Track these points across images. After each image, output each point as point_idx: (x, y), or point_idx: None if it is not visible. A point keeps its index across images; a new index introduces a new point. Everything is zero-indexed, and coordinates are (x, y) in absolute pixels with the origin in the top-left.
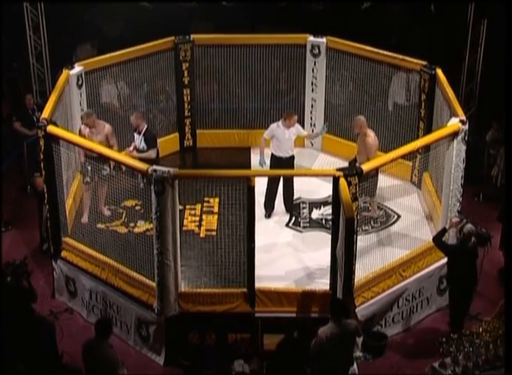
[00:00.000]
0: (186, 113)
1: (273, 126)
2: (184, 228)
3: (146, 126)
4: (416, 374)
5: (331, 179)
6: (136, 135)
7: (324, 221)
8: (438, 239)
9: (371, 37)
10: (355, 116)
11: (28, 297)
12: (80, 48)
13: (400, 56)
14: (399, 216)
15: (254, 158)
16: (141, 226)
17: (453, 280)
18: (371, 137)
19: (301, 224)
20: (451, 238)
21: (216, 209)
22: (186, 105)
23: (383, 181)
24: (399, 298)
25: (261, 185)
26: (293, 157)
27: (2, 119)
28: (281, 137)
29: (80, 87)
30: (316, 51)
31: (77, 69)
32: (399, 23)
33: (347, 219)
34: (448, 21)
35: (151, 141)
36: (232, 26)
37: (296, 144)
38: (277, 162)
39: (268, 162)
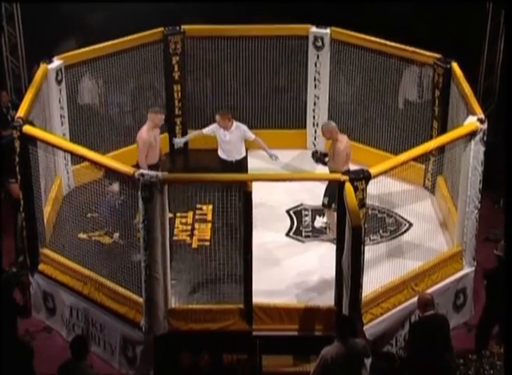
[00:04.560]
0: (176, 112)
1: (214, 125)
2: (174, 238)
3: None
4: None
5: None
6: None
7: (328, 230)
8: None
9: (380, 27)
10: (362, 114)
11: (17, 312)
12: (63, 43)
13: (412, 48)
14: (410, 224)
15: (252, 162)
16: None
17: (493, 291)
18: (344, 143)
19: (303, 233)
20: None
21: (209, 217)
22: (176, 102)
23: (393, 186)
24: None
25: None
26: (241, 161)
27: None
28: (221, 138)
29: (59, 82)
30: (319, 43)
31: (56, 63)
32: (410, 14)
33: (353, 228)
34: (464, 11)
35: None
36: (228, 16)
37: (297, 145)
38: (224, 165)
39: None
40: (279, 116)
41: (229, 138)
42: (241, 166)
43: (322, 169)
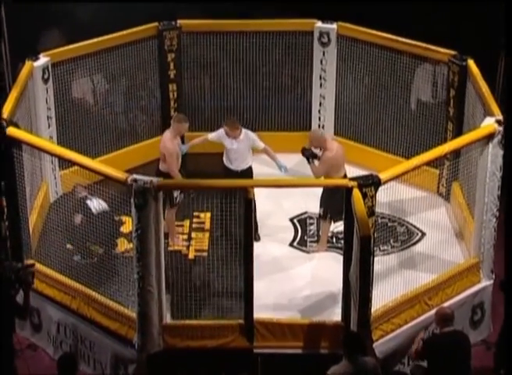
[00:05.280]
0: (172, 112)
1: (221, 130)
2: (170, 248)
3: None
4: None
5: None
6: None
7: (335, 239)
8: None
9: (390, 22)
10: (371, 115)
11: (16, 312)
12: (46, 35)
13: (425, 45)
14: (423, 234)
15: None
16: (119, 246)
17: None
18: (333, 152)
19: (308, 243)
20: None
21: (208, 226)
22: (172, 102)
23: (405, 193)
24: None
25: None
26: (246, 171)
27: None
28: (228, 146)
29: (46, 81)
30: (325, 39)
31: (43, 60)
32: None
33: (362, 238)
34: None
35: None
36: (227, 11)
37: (298, 148)
38: (228, 174)
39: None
40: (282, 118)
41: (237, 147)
42: (246, 176)
43: None
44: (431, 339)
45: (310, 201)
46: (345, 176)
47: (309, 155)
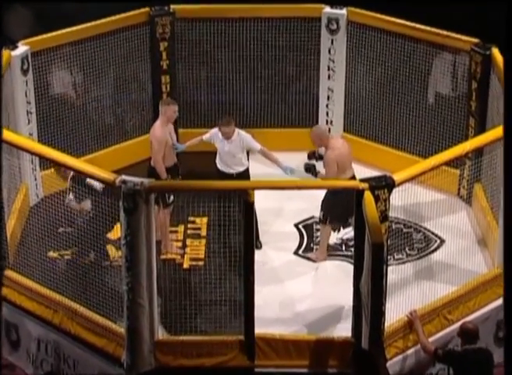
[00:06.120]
0: None
1: (214, 130)
2: (163, 256)
3: None
4: None
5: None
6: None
7: (344, 247)
8: None
9: (406, 7)
10: (385, 110)
11: None
12: (8, 12)
13: (444, 32)
14: (442, 241)
15: (253, 166)
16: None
17: None
18: (336, 150)
19: (314, 251)
20: None
21: (204, 232)
22: (164, 96)
23: (422, 195)
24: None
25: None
26: (243, 174)
27: None
28: (220, 147)
29: (25, 72)
30: (334, 26)
31: (21, 49)
32: None
33: (374, 245)
34: None
35: None
36: None
37: (306, 147)
38: (222, 179)
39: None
40: (286, 113)
41: (229, 149)
42: (243, 179)
43: None
44: (451, 353)
45: (316, 204)
46: (353, 178)
47: (309, 168)
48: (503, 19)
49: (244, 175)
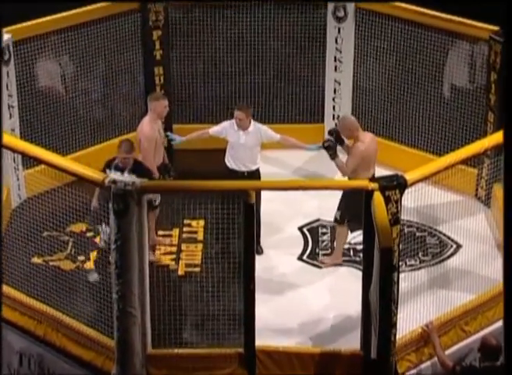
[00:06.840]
0: None
1: (225, 123)
2: (156, 263)
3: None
4: None
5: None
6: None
7: (352, 252)
8: None
9: None
10: (396, 104)
11: None
12: None
13: (461, 19)
14: (459, 246)
15: None
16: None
17: None
18: (365, 144)
19: (320, 257)
20: None
21: (200, 236)
22: (158, 89)
23: (436, 196)
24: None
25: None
26: (254, 173)
27: None
28: (234, 140)
29: (6, 63)
30: (341, 13)
31: (3, 37)
32: None
33: (383, 250)
34: None
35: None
36: None
37: (308, 144)
38: (232, 178)
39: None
40: (290, 107)
41: (245, 141)
42: (254, 179)
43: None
44: (471, 371)
45: (322, 206)
46: (373, 178)
47: (330, 146)
48: None
49: (255, 175)
